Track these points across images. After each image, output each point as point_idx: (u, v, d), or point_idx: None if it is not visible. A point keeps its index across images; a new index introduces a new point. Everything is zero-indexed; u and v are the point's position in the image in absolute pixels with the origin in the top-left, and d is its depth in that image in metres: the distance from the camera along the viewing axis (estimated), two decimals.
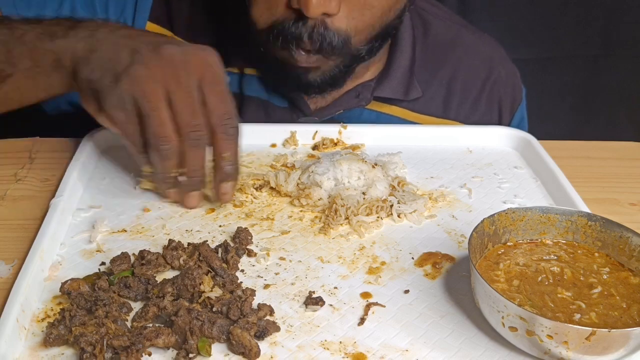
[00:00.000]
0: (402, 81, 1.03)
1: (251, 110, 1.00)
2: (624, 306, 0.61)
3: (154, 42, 0.76)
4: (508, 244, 0.69)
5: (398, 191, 0.82)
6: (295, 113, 1.01)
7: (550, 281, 0.64)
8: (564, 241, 0.69)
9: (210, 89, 0.74)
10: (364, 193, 0.80)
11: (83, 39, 0.78)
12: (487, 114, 1.09)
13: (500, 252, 0.67)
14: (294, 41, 0.86)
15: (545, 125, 1.18)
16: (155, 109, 0.73)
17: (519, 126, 1.11)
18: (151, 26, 0.99)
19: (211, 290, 0.63)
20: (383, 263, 0.72)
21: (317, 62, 0.90)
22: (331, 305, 0.65)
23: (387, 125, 1.00)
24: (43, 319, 0.62)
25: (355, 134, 0.95)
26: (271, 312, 0.63)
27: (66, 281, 0.64)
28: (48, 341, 0.58)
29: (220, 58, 0.77)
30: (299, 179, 0.82)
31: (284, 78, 0.94)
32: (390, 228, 0.78)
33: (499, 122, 1.10)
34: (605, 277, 0.65)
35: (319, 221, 0.78)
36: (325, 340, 0.61)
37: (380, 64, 1.03)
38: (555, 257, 0.67)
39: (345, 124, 0.96)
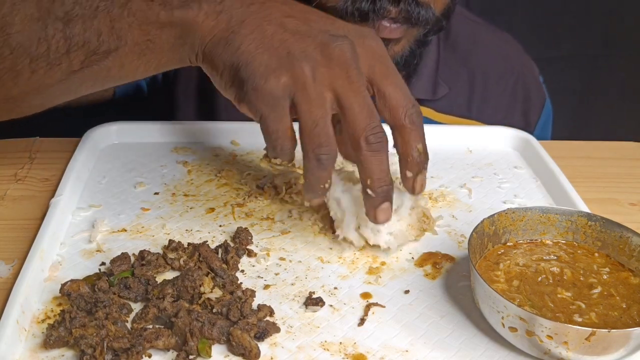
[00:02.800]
0: (429, 80, 1.03)
1: None
2: (624, 306, 0.61)
3: (313, 36, 0.65)
4: (508, 244, 0.69)
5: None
6: None
7: (550, 281, 0.64)
8: (564, 241, 0.69)
9: (384, 82, 0.66)
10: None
11: (212, 14, 0.66)
12: (510, 113, 1.09)
13: (500, 252, 0.67)
14: (380, 12, 0.83)
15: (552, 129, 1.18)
16: (320, 118, 0.63)
17: (546, 123, 1.11)
18: None
19: (211, 292, 0.63)
20: (383, 263, 0.72)
21: (401, 33, 0.87)
22: (331, 305, 0.65)
23: (387, 125, 0.99)
24: (43, 320, 0.62)
25: None
26: (271, 312, 0.63)
27: (66, 282, 0.63)
28: (48, 343, 0.58)
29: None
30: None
31: None
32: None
33: (525, 122, 1.09)
34: (605, 277, 0.65)
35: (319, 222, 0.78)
36: (325, 341, 0.61)
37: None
38: (555, 257, 0.67)
39: None
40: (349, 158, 0.74)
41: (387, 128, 0.66)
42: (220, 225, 0.77)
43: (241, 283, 0.67)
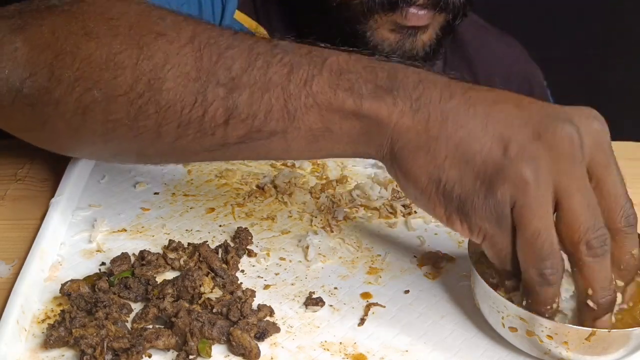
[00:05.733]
0: None
1: None
2: (631, 304, 0.61)
3: (528, 123, 0.54)
4: None
5: (399, 191, 0.82)
6: None
7: None
8: None
9: (605, 175, 0.57)
10: (358, 195, 0.81)
11: (409, 112, 0.56)
12: None
13: None
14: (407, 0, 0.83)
15: None
16: (546, 226, 0.53)
17: None
18: (240, 15, 0.96)
19: (211, 292, 0.63)
20: (383, 263, 0.72)
21: (428, 19, 0.87)
22: (331, 305, 0.65)
23: None
24: (43, 320, 0.62)
25: None
26: (271, 312, 0.63)
27: (66, 282, 0.64)
28: (48, 343, 0.58)
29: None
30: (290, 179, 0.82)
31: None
32: (390, 228, 0.78)
33: None
34: None
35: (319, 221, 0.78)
36: (326, 341, 0.61)
37: None
38: None
39: None
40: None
41: None
42: (220, 225, 0.77)
43: (241, 283, 0.67)
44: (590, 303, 0.56)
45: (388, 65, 0.58)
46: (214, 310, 0.62)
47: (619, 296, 0.59)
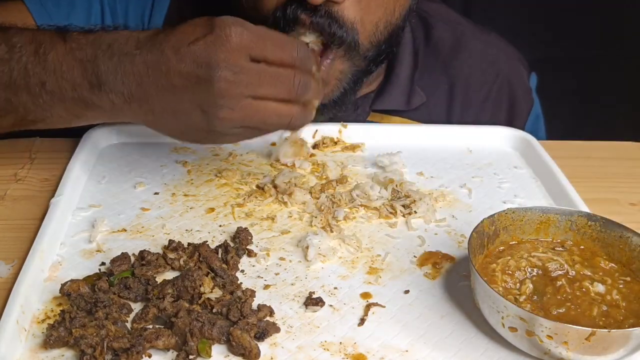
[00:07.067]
0: (403, 91, 1.01)
1: None
2: (624, 304, 0.61)
3: (195, 77, 0.69)
4: (510, 243, 0.69)
5: (399, 191, 0.82)
6: None
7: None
8: (562, 240, 0.69)
9: (261, 55, 0.70)
10: (358, 195, 0.81)
11: (125, 103, 0.72)
12: (493, 120, 1.06)
13: (500, 250, 0.67)
14: (290, 19, 0.83)
15: (545, 125, 1.17)
16: (264, 109, 0.71)
17: (535, 125, 1.10)
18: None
19: (211, 292, 0.63)
20: (383, 263, 0.72)
21: (315, 46, 0.86)
22: (331, 305, 0.65)
23: (387, 125, 0.99)
24: (43, 320, 0.62)
25: (355, 133, 0.95)
26: (271, 312, 0.63)
27: (66, 282, 0.63)
28: (48, 343, 0.58)
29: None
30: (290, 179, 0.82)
31: None
32: (390, 228, 0.78)
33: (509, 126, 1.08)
34: (607, 277, 0.65)
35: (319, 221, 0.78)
36: (325, 341, 0.61)
37: (378, 75, 1.01)
38: (556, 257, 0.67)
39: (345, 123, 0.96)
40: None
41: None
42: (220, 225, 0.77)
43: (241, 283, 0.67)
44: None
45: (94, 56, 0.72)
46: (214, 310, 0.62)
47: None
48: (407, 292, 0.68)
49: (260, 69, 0.70)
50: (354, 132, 0.95)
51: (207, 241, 0.72)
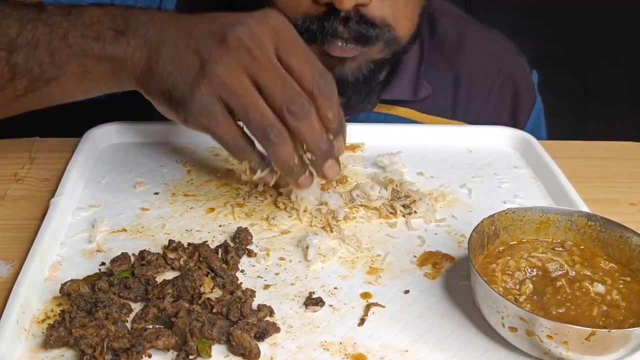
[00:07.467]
0: (409, 82, 1.02)
1: None
2: (624, 305, 0.61)
3: (214, 33, 0.69)
4: (510, 243, 0.69)
5: (399, 191, 0.82)
6: None
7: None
8: (562, 240, 0.69)
9: (289, 55, 0.69)
10: (358, 195, 0.81)
11: (138, 47, 0.71)
12: (497, 114, 1.08)
13: (500, 250, 0.67)
14: (328, 33, 0.84)
15: (546, 122, 1.18)
16: (251, 101, 0.67)
17: (537, 122, 1.10)
18: None
19: (211, 292, 0.63)
20: (383, 263, 0.72)
21: (355, 52, 0.88)
22: (331, 305, 0.65)
23: (387, 125, 0.99)
24: (43, 320, 0.62)
25: (355, 133, 0.95)
26: (271, 313, 0.63)
27: (66, 282, 0.64)
28: (48, 343, 0.58)
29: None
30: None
31: None
32: (390, 228, 0.78)
33: (513, 123, 1.08)
34: (607, 278, 0.65)
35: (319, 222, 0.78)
36: (325, 341, 0.61)
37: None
38: (556, 257, 0.67)
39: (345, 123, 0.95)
40: None
41: None
42: (220, 225, 0.77)
43: (241, 283, 0.67)
44: (309, 154, 0.71)
45: (129, 12, 0.74)
46: (214, 310, 0.62)
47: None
48: (407, 292, 0.68)
49: (276, 63, 0.68)
50: (354, 131, 0.95)
51: (207, 241, 0.72)
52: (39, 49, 0.73)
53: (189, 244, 0.71)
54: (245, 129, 0.70)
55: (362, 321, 0.64)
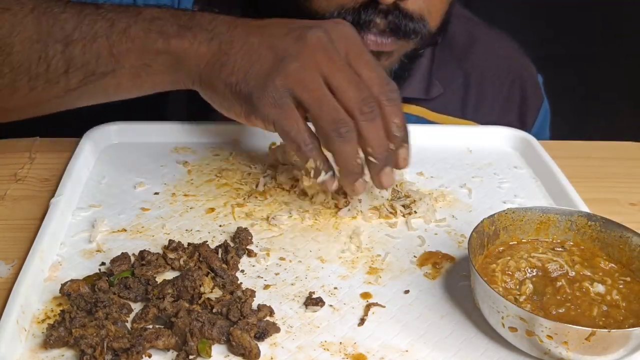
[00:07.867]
0: (423, 80, 1.03)
1: None
2: (624, 305, 0.61)
3: (291, 32, 0.71)
4: (510, 243, 0.69)
5: (399, 191, 0.82)
6: None
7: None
8: (562, 241, 0.69)
9: (358, 62, 0.71)
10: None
11: (205, 41, 0.72)
12: (505, 114, 1.09)
13: (500, 250, 0.67)
14: (365, 24, 0.85)
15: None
16: (324, 96, 0.69)
17: (543, 123, 1.10)
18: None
19: (211, 292, 0.63)
20: (383, 263, 0.72)
21: (391, 46, 0.88)
22: (331, 305, 0.65)
23: None
24: (43, 320, 0.62)
25: None
26: (271, 312, 0.63)
27: (66, 282, 0.64)
28: (48, 343, 0.58)
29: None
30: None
31: None
32: (390, 228, 0.78)
33: (521, 123, 1.09)
34: (607, 278, 0.65)
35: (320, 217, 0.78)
36: (325, 341, 0.61)
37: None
38: (556, 257, 0.67)
39: None
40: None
41: None
42: (220, 225, 0.77)
43: (241, 283, 0.67)
44: (371, 158, 0.71)
45: (189, 11, 0.76)
46: (214, 310, 0.62)
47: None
48: (407, 292, 0.68)
49: (349, 67, 0.70)
50: None
51: (207, 241, 0.72)
52: (98, 42, 0.73)
53: (189, 244, 0.71)
54: (312, 128, 0.71)
55: (362, 321, 0.64)
